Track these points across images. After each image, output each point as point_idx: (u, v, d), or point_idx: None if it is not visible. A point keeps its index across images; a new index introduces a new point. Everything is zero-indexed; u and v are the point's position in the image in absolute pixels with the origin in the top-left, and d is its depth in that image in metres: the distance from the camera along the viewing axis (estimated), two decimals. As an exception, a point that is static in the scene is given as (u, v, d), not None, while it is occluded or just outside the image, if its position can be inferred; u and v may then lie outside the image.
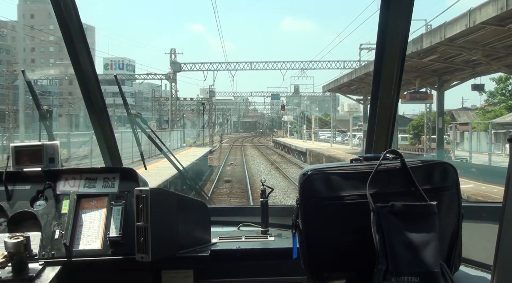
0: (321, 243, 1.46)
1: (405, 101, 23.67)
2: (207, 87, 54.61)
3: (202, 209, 2.15)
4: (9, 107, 34.01)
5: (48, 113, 2.43)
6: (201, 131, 49.47)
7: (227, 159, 32.41)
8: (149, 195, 1.70)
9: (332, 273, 1.47)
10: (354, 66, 36.66)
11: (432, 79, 21.99)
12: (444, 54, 17.11)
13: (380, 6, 1.88)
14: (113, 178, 2.16)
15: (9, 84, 36.14)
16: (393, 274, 1.26)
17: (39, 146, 2.21)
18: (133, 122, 2.45)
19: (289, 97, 68.65)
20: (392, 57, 1.97)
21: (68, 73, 45.21)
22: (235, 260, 2.02)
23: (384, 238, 1.30)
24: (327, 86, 35.86)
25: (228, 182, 20.27)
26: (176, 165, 2.50)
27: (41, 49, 78.09)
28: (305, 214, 1.47)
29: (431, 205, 1.33)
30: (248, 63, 42.79)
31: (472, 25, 12.72)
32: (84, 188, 2.09)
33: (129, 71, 68.50)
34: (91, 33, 74.69)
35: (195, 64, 43.13)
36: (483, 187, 12.19)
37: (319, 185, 1.44)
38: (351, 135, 40.60)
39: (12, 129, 30.24)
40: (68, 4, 2.11)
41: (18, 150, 2.20)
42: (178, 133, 38.17)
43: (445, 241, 1.43)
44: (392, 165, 1.45)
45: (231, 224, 2.45)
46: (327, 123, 62.88)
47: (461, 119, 44.03)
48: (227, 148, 45.92)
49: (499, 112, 37.75)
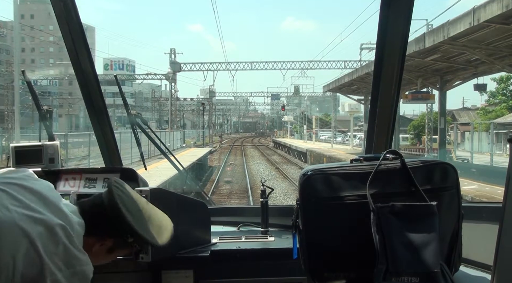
0: (321, 243, 1.46)
1: (407, 101, 23.65)
2: (207, 87, 54.73)
3: (202, 209, 2.15)
4: (8, 107, 34.04)
5: (48, 113, 2.43)
6: (201, 131, 49.51)
7: (227, 159, 32.42)
8: (149, 195, 1.70)
9: (332, 273, 1.47)
10: (355, 66, 36.67)
11: (434, 79, 21.95)
12: (447, 54, 17.06)
13: (380, 6, 1.87)
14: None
15: (8, 85, 36.17)
16: (393, 274, 1.26)
17: (39, 146, 2.22)
18: (133, 122, 2.45)
19: (290, 97, 68.63)
20: (392, 57, 1.97)
21: (68, 74, 45.24)
22: (235, 260, 2.02)
23: (384, 238, 1.30)
24: (327, 86, 35.83)
25: (228, 183, 20.27)
26: (176, 165, 2.50)
27: (41, 50, 78.19)
28: (305, 214, 1.46)
29: (431, 205, 1.33)
30: (248, 63, 42.82)
31: (476, 23, 12.57)
32: (84, 188, 2.09)
33: (129, 71, 68.56)
34: (91, 33, 74.78)
35: (195, 64, 43.15)
36: (487, 188, 12.16)
37: (319, 186, 1.44)
38: (351, 135, 40.56)
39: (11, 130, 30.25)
40: (68, 4, 2.11)
41: (18, 150, 2.21)
42: (178, 133, 38.16)
43: (445, 241, 1.43)
44: (392, 165, 1.45)
45: (231, 224, 2.45)
46: (327, 123, 62.88)
47: (462, 119, 44.01)
48: (227, 148, 45.92)
49: (500, 112, 37.73)
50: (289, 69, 43.60)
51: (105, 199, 1.15)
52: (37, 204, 1.06)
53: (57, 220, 1.05)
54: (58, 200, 1.14)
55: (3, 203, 1.01)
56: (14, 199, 1.04)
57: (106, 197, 1.15)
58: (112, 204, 1.12)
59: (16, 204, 1.03)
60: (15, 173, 1.17)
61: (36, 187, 1.12)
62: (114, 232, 1.15)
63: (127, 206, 1.14)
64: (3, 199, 1.02)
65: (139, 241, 1.15)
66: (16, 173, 1.16)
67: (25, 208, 1.03)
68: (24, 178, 1.14)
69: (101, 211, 1.14)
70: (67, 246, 1.04)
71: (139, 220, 1.14)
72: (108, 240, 1.17)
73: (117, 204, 1.12)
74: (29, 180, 1.14)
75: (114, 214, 1.12)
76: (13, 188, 1.07)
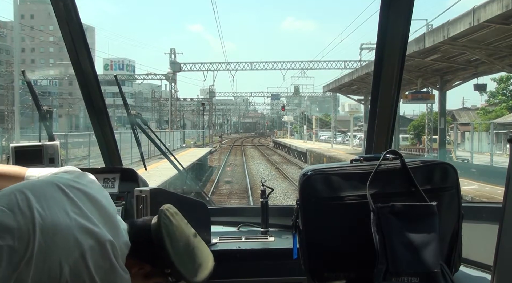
0: (321, 243, 1.46)
1: (407, 101, 23.65)
2: (207, 87, 54.73)
3: (202, 209, 2.15)
4: (8, 107, 34.06)
5: (48, 113, 2.43)
6: (201, 131, 49.50)
7: (227, 159, 32.41)
8: (149, 196, 1.70)
9: (332, 273, 1.47)
10: (355, 66, 36.67)
11: (434, 79, 21.95)
12: (447, 54, 17.05)
13: (380, 6, 1.87)
14: (113, 179, 2.17)
15: (8, 85, 36.19)
16: (393, 274, 1.26)
17: (39, 146, 2.22)
18: (133, 122, 2.45)
19: (290, 97, 68.65)
20: (392, 57, 1.97)
21: (68, 74, 45.25)
22: (235, 260, 2.02)
23: (384, 239, 1.30)
24: (327, 86, 35.82)
25: (228, 183, 20.26)
26: (176, 165, 2.50)
27: (41, 50, 78.23)
28: (305, 215, 1.46)
29: (431, 206, 1.33)
30: (248, 63, 42.84)
31: (476, 24, 12.56)
32: (84, 188, 2.08)
33: (129, 71, 68.61)
34: (91, 34, 74.79)
35: (195, 64, 43.17)
36: (487, 188, 12.15)
37: (319, 186, 1.44)
38: (351, 136, 40.55)
39: (11, 130, 30.26)
40: (68, 4, 2.11)
41: (18, 150, 2.20)
42: (178, 133, 38.16)
43: (445, 241, 1.43)
44: (392, 166, 1.45)
45: (231, 224, 2.45)
46: (327, 123, 62.88)
47: (462, 119, 44.00)
48: (227, 148, 45.91)
49: (500, 112, 37.73)
50: (289, 69, 43.69)
51: (153, 226, 1.15)
52: (95, 216, 1.06)
53: (109, 236, 1.05)
54: (115, 215, 1.14)
55: (65, 208, 1.02)
56: (75, 206, 1.04)
57: (155, 224, 1.15)
58: (158, 234, 1.13)
59: (77, 212, 1.03)
60: (81, 177, 1.17)
61: (98, 196, 1.12)
62: (154, 261, 1.15)
63: (171, 238, 1.14)
64: (65, 204, 1.03)
65: (176, 275, 1.14)
66: (81, 178, 1.16)
67: (83, 218, 1.03)
68: (88, 185, 1.15)
69: (147, 237, 1.14)
70: (113, 264, 1.04)
71: (181, 254, 1.14)
72: (147, 266, 1.17)
73: (162, 235, 1.12)
74: (92, 188, 1.14)
75: (157, 243, 1.12)
76: (77, 194, 1.08)
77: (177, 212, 1.23)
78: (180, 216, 1.23)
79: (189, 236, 1.21)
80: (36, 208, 0.97)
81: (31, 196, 1.00)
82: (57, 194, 1.06)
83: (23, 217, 0.95)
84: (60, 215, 1.00)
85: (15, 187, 1.05)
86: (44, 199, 1.01)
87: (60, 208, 1.02)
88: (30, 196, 0.99)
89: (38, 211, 0.97)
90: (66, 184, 1.09)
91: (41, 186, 1.07)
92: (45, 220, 0.97)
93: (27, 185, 1.09)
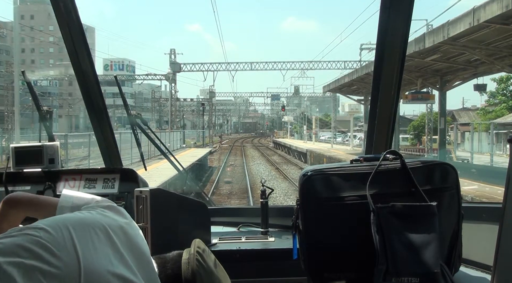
0: (321, 243, 1.46)
1: (407, 101, 23.65)
2: (207, 87, 54.72)
3: (202, 209, 2.15)
4: (8, 108, 34.08)
5: (48, 114, 2.43)
6: (201, 132, 49.50)
7: (227, 160, 32.40)
8: (149, 196, 1.70)
9: (332, 273, 1.47)
10: (355, 66, 36.68)
11: (434, 79, 21.95)
12: (447, 54, 17.05)
13: (380, 6, 1.88)
14: (113, 179, 2.17)
15: (8, 85, 36.20)
16: (393, 274, 1.26)
17: (39, 147, 2.22)
18: (133, 123, 2.45)
19: (289, 97, 68.71)
20: (392, 57, 1.97)
21: (68, 74, 45.20)
22: (235, 260, 2.02)
23: (384, 239, 1.30)
24: (327, 87, 35.82)
25: (228, 183, 20.26)
26: (176, 165, 2.50)
27: (41, 50, 78.22)
28: (305, 215, 1.46)
29: (431, 206, 1.33)
30: (248, 64, 42.83)
31: (476, 24, 12.56)
32: (84, 188, 2.09)
33: (129, 71, 68.62)
34: (91, 34, 74.70)
35: (195, 65, 43.16)
36: (487, 188, 12.14)
37: (319, 186, 1.44)
38: (351, 136, 40.55)
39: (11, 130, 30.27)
40: (68, 4, 2.11)
41: (18, 150, 2.21)
42: (178, 133, 38.16)
43: (445, 241, 1.43)
44: (392, 166, 1.45)
45: (231, 224, 2.45)
46: (327, 123, 62.87)
47: (462, 119, 44.00)
48: (227, 149, 45.90)
49: (500, 112, 37.72)
50: (289, 70, 43.67)
51: (185, 272, 1.12)
52: (134, 263, 0.99)
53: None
54: (151, 260, 1.09)
55: (107, 253, 0.93)
56: (117, 251, 0.96)
57: (186, 270, 1.13)
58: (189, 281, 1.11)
59: (118, 258, 0.95)
60: (119, 214, 1.08)
61: (137, 239, 1.05)
62: None
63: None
64: (108, 249, 0.94)
65: None
66: (120, 216, 1.07)
67: (124, 266, 0.95)
68: (130, 224, 1.06)
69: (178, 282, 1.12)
70: None
71: None
72: None
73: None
74: (133, 228, 1.06)
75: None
76: (119, 237, 0.99)
77: (206, 249, 1.21)
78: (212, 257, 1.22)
79: (220, 277, 1.22)
80: (82, 250, 0.89)
81: (75, 235, 0.90)
82: (101, 235, 0.96)
83: (69, 258, 0.86)
84: (103, 261, 0.92)
85: (58, 220, 0.94)
86: (91, 240, 0.93)
87: (104, 252, 0.93)
88: (73, 235, 0.90)
89: (83, 254, 0.88)
90: (109, 223, 1.01)
91: (87, 224, 0.97)
92: (89, 265, 0.89)
93: (71, 221, 0.96)
